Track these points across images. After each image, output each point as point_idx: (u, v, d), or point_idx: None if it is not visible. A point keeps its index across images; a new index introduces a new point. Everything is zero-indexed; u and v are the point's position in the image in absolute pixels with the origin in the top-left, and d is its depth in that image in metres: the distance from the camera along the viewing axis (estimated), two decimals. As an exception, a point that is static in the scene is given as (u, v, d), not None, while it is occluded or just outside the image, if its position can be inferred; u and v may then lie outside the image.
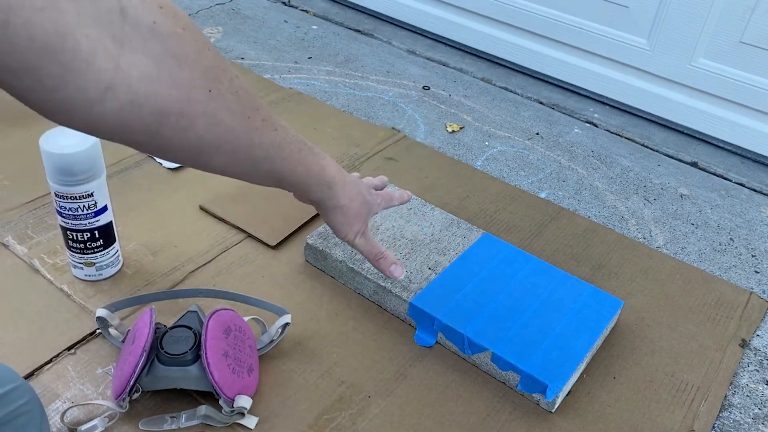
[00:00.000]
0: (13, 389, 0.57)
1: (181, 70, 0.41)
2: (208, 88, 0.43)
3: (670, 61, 1.26)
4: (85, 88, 0.36)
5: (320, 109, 1.24)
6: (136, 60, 0.38)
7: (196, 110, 0.43)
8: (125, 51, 0.37)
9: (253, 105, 0.49)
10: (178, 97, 0.41)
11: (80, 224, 0.77)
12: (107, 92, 0.37)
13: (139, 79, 0.38)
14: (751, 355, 0.84)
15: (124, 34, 0.37)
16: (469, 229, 0.91)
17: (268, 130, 0.51)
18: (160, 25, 0.39)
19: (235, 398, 0.66)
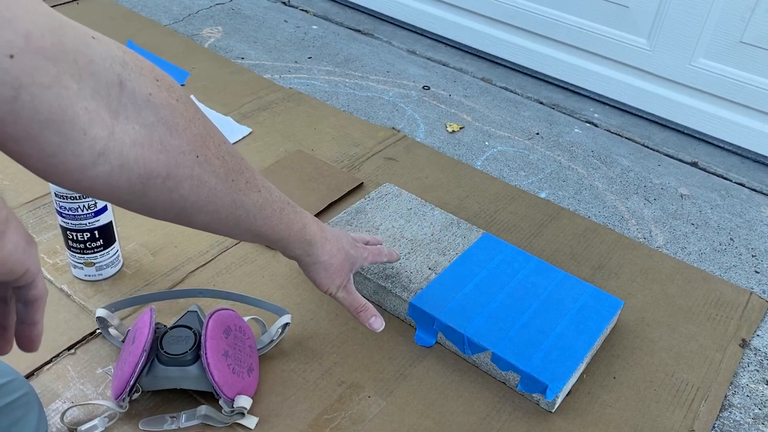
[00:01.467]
0: (7, 383, 0.58)
1: (172, 138, 0.44)
2: (196, 154, 0.47)
3: (670, 61, 1.26)
4: (80, 153, 0.39)
5: (320, 109, 1.24)
6: (129, 128, 0.42)
7: (182, 173, 0.46)
8: (120, 120, 0.41)
9: (238, 168, 0.52)
10: (167, 162, 0.44)
11: (80, 224, 0.77)
12: (99, 157, 0.40)
13: (131, 146, 0.42)
14: (751, 355, 0.84)
15: (120, 105, 0.41)
16: (469, 229, 0.91)
17: (251, 191, 0.54)
18: (155, 97, 0.43)
19: (235, 398, 0.66)
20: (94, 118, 0.39)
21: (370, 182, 1.05)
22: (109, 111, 0.40)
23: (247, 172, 0.53)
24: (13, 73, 0.34)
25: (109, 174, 0.42)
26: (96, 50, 0.39)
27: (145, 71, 0.43)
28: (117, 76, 0.41)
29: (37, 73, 0.35)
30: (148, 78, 0.43)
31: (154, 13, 1.56)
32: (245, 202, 0.53)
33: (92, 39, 0.40)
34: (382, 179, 1.06)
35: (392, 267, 0.84)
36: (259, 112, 1.21)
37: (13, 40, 0.34)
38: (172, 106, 0.45)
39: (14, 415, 0.57)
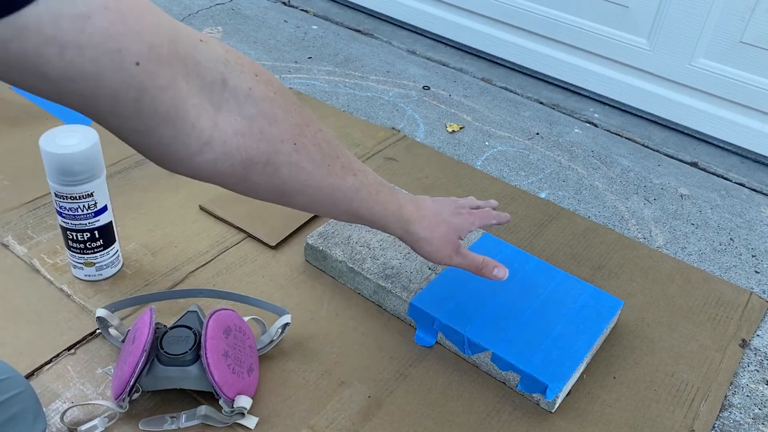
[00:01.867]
0: (4, 380, 0.58)
1: (270, 127, 0.49)
2: (294, 142, 0.51)
3: (670, 61, 1.26)
4: (189, 143, 0.45)
5: (320, 109, 1.24)
6: (231, 120, 0.46)
7: (281, 160, 0.51)
8: (222, 113, 0.46)
9: (333, 154, 0.56)
10: (266, 150, 0.49)
11: (80, 224, 0.77)
12: (205, 146, 0.46)
13: (233, 135, 0.47)
14: (752, 355, 0.84)
15: (223, 100, 0.46)
16: (469, 229, 0.91)
17: (347, 175, 0.58)
18: (255, 91, 0.48)
19: (235, 398, 0.66)
20: (201, 113, 0.44)
21: (370, 182, 1.05)
22: (212, 105, 0.45)
23: (342, 158, 0.57)
24: (138, 78, 0.39)
25: (214, 161, 0.47)
26: (203, 53, 0.44)
27: (246, 68, 0.48)
28: (220, 74, 0.45)
29: (157, 78, 0.40)
30: (248, 74, 0.48)
31: (154, 13, 1.55)
32: (341, 185, 0.57)
33: (200, 42, 0.45)
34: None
35: (392, 267, 0.84)
36: (259, 112, 1.21)
37: (139, 49, 0.39)
38: (271, 98, 0.49)
39: (9, 413, 0.57)
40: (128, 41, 0.38)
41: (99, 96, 0.39)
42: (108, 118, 0.41)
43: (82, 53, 0.36)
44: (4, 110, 1.10)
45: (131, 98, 0.40)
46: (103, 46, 0.37)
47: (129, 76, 0.39)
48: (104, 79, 0.38)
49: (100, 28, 0.36)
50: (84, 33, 0.36)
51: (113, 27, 0.37)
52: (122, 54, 0.38)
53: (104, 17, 0.37)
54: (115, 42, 0.37)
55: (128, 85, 0.39)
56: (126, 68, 0.38)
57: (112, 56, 0.37)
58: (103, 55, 0.37)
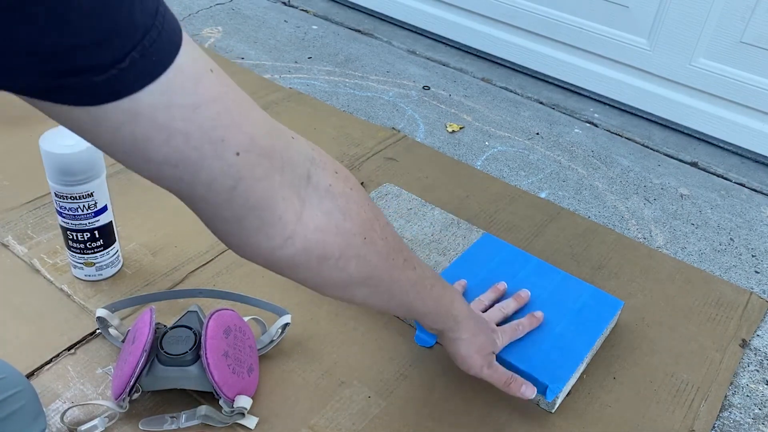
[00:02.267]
0: (3, 378, 0.58)
1: (345, 222, 0.50)
2: (364, 236, 0.52)
3: (670, 61, 1.26)
4: (273, 236, 0.45)
5: (320, 109, 1.24)
6: (313, 215, 0.47)
7: (351, 254, 0.51)
8: (306, 208, 0.47)
9: (397, 248, 0.57)
10: (340, 245, 0.50)
11: (80, 224, 0.77)
12: (287, 241, 0.46)
13: (314, 231, 0.47)
14: (752, 355, 0.84)
15: (307, 195, 0.47)
16: (469, 229, 0.91)
17: (408, 269, 0.58)
18: (334, 187, 0.49)
19: (235, 398, 0.66)
20: (288, 206, 0.45)
21: (370, 182, 1.05)
22: (299, 199, 0.46)
23: (405, 251, 0.58)
24: (236, 168, 0.40)
25: (294, 255, 0.47)
26: (294, 149, 0.46)
27: (328, 165, 0.49)
28: (306, 170, 0.47)
29: (255, 168, 0.42)
30: (329, 171, 0.49)
31: (154, 13, 1.56)
32: (401, 278, 0.57)
33: (292, 139, 0.46)
34: (382, 179, 1.06)
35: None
36: (259, 112, 1.21)
37: (241, 140, 0.40)
38: (347, 194, 0.50)
39: (8, 411, 0.57)
40: (231, 132, 0.40)
41: (196, 182, 0.40)
42: (199, 203, 0.43)
43: (188, 141, 0.38)
44: (4, 110, 1.10)
45: (227, 187, 0.41)
46: (207, 135, 0.38)
47: (228, 165, 0.40)
48: (204, 166, 0.39)
49: (208, 119, 0.38)
50: (192, 122, 0.37)
51: (219, 118, 0.39)
52: (225, 143, 0.39)
53: (212, 108, 0.38)
54: (220, 132, 0.39)
55: (226, 174, 0.40)
56: (226, 157, 0.40)
57: (215, 145, 0.39)
58: (207, 143, 0.39)
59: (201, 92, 0.38)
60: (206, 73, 0.38)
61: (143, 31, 0.34)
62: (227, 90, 0.40)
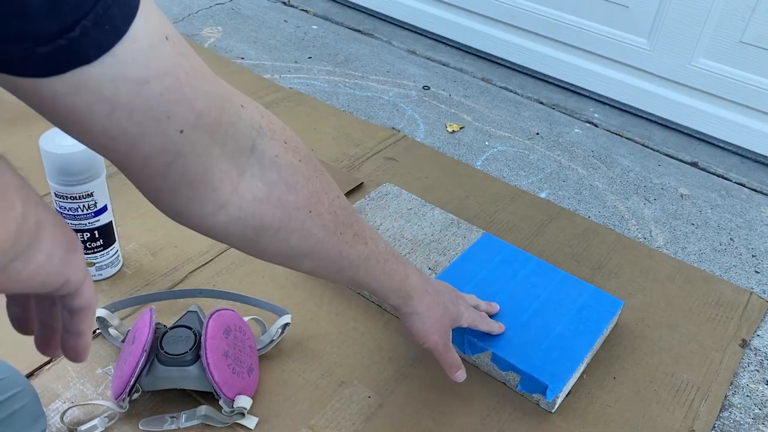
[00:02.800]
0: (3, 379, 0.58)
1: (289, 194, 0.48)
2: (309, 209, 0.50)
3: (670, 61, 1.26)
4: (205, 205, 0.44)
5: (320, 109, 1.24)
6: (252, 185, 0.45)
7: (293, 227, 0.49)
8: (245, 178, 0.45)
9: (347, 222, 0.55)
10: (281, 217, 0.48)
11: (80, 224, 0.77)
12: (220, 209, 0.44)
13: (251, 201, 0.46)
14: (752, 355, 0.84)
15: (247, 165, 0.45)
16: (469, 229, 0.91)
17: (358, 243, 0.56)
18: (281, 158, 0.47)
19: (235, 398, 0.66)
20: (224, 178, 0.43)
21: (370, 182, 1.05)
22: (237, 170, 0.44)
23: (356, 225, 0.56)
24: (177, 145, 0.38)
25: (226, 223, 0.46)
26: (242, 119, 0.44)
27: (277, 135, 0.47)
28: (252, 141, 0.45)
29: (195, 145, 0.39)
30: (278, 141, 0.47)
31: (154, 13, 1.55)
32: (350, 253, 0.56)
33: (241, 108, 0.44)
34: (382, 179, 1.06)
35: (392, 267, 0.84)
36: (259, 112, 1.21)
37: (188, 118, 0.38)
38: (295, 165, 0.48)
39: (8, 412, 0.57)
40: (179, 108, 0.37)
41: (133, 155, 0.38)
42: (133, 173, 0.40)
43: (131, 116, 0.35)
44: (4, 110, 1.10)
45: (165, 162, 0.39)
46: (152, 112, 0.36)
47: (169, 142, 0.38)
48: (144, 142, 0.37)
49: (155, 94, 0.35)
50: (138, 96, 0.35)
51: (168, 93, 0.36)
52: (170, 120, 0.37)
53: (162, 83, 0.35)
54: (166, 108, 0.36)
55: (165, 150, 0.38)
56: (169, 134, 0.38)
57: (159, 122, 0.36)
58: (151, 119, 0.36)
59: (153, 65, 0.35)
60: (161, 41, 0.35)
61: None
62: (181, 60, 0.37)
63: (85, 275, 0.37)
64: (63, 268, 0.35)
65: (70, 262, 0.36)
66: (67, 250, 0.35)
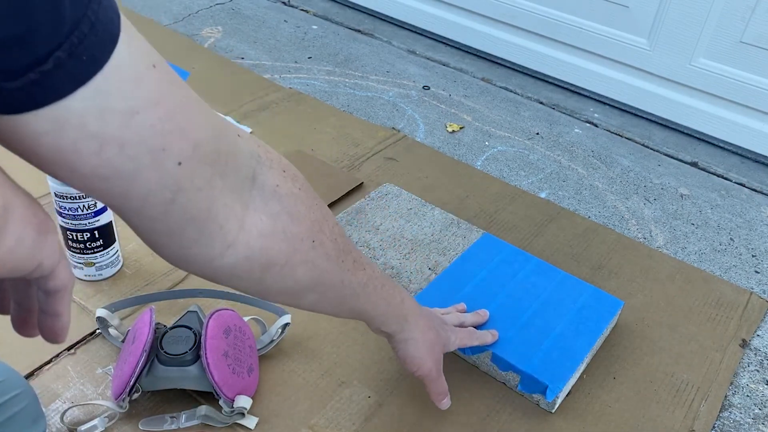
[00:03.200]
0: (3, 381, 0.58)
1: (293, 225, 0.45)
2: (312, 239, 0.48)
3: (670, 61, 1.26)
4: (212, 246, 0.41)
5: (320, 109, 1.24)
6: (257, 220, 0.43)
7: (298, 259, 0.47)
8: (249, 212, 0.42)
9: (346, 249, 0.53)
10: (286, 250, 0.45)
11: (80, 224, 0.77)
12: (228, 249, 0.41)
13: (257, 237, 0.43)
14: (752, 355, 0.84)
15: (250, 198, 0.42)
16: (469, 229, 0.91)
17: (357, 270, 0.54)
18: (281, 188, 0.45)
19: (235, 398, 0.66)
20: (230, 213, 0.41)
21: (370, 182, 1.05)
22: (241, 204, 0.42)
23: (354, 252, 0.54)
24: (176, 178, 0.36)
25: (234, 265, 0.43)
26: (240, 148, 0.41)
27: (275, 163, 0.45)
28: (252, 171, 0.42)
29: (195, 178, 0.37)
30: (276, 170, 0.45)
31: (154, 13, 1.56)
32: (352, 281, 0.54)
33: (238, 137, 0.42)
34: (382, 179, 1.06)
35: (392, 267, 0.84)
36: (259, 112, 1.21)
37: (184, 148, 0.35)
38: (295, 194, 0.46)
39: (8, 414, 0.57)
40: (174, 139, 0.35)
41: (130, 196, 0.35)
42: (132, 216, 0.38)
43: (123, 151, 0.33)
44: (4, 110, 1.10)
45: (165, 199, 0.36)
46: (146, 144, 0.33)
47: (168, 176, 0.35)
48: (140, 178, 0.34)
49: (147, 125, 0.33)
50: (129, 130, 0.32)
51: (160, 124, 0.34)
52: (166, 153, 0.34)
53: (153, 113, 0.33)
54: (160, 140, 0.34)
55: (164, 186, 0.36)
56: (167, 168, 0.35)
57: (155, 155, 0.34)
58: (145, 153, 0.33)
59: (141, 94, 0.32)
60: (148, 69, 0.33)
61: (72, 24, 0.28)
62: (171, 89, 0.35)
63: (60, 257, 0.35)
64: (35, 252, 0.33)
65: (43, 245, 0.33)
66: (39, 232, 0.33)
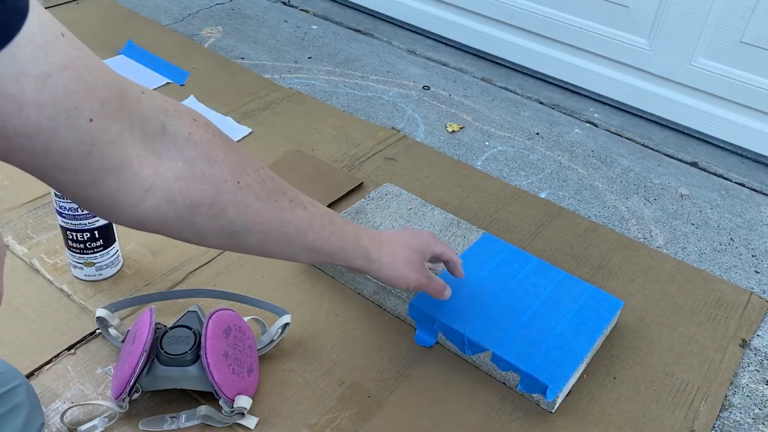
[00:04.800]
0: (0, 374, 0.58)
1: (212, 168, 0.50)
2: (237, 180, 0.51)
3: (670, 61, 1.26)
4: (132, 192, 0.45)
5: (320, 109, 1.24)
6: (172, 166, 0.47)
7: (226, 200, 0.51)
8: (164, 160, 0.47)
9: (279, 189, 0.56)
10: (210, 191, 0.50)
11: (80, 224, 0.77)
12: (147, 193, 0.46)
13: (174, 180, 0.47)
14: (752, 355, 0.84)
15: (163, 147, 0.47)
16: (469, 229, 0.91)
17: (296, 209, 0.57)
18: (194, 135, 0.49)
19: (235, 398, 0.66)
20: (143, 162, 0.45)
21: (370, 182, 1.05)
22: (154, 153, 0.46)
23: (289, 192, 0.57)
24: (90, 133, 0.40)
25: (156, 207, 0.47)
26: (145, 104, 0.46)
27: (183, 114, 0.49)
28: (161, 123, 0.47)
29: (106, 132, 0.42)
30: (186, 120, 0.49)
31: (154, 13, 1.56)
32: (292, 219, 0.57)
33: (142, 94, 0.46)
34: (382, 179, 1.06)
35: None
36: (259, 112, 1.21)
37: (93, 106, 0.40)
38: (210, 140, 0.50)
39: (6, 407, 0.57)
40: (84, 98, 0.39)
41: (50, 152, 0.39)
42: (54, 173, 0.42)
43: (40, 111, 0.37)
44: (4, 110, 1.10)
45: (82, 153, 0.41)
46: (60, 104, 0.38)
47: (82, 131, 0.40)
48: (58, 135, 0.39)
49: (59, 87, 0.38)
50: (44, 91, 0.37)
51: (71, 85, 0.38)
52: (78, 110, 0.39)
53: (63, 76, 0.38)
54: (72, 99, 0.38)
55: (80, 140, 0.40)
56: (80, 124, 0.39)
57: (69, 113, 0.39)
58: (60, 112, 0.38)
59: (52, 60, 0.37)
60: (57, 38, 0.38)
61: None
62: (78, 54, 0.39)
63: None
64: None
65: None
66: None
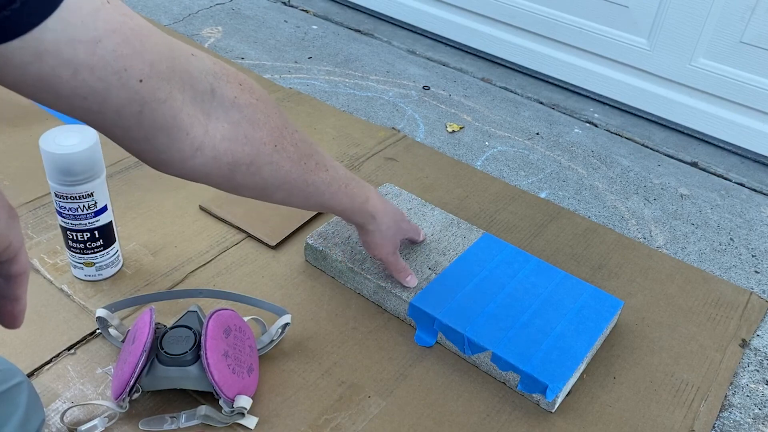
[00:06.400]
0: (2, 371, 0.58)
1: (254, 131, 0.55)
2: (274, 144, 0.57)
3: (670, 61, 1.26)
4: (182, 149, 0.50)
5: (320, 109, 1.24)
6: (219, 126, 0.52)
7: (263, 160, 0.56)
8: (212, 120, 0.51)
9: (308, 153, 0.62)
10: (251, 152, 0.55)
11: (80, 224, 0.77)
12: (197, 151, 0.51)
13: (221, 140, 0.52)
14: (752, 355, 0.84)
15: (212, 108, 0.51)
16: (469, 229, 0.91)
17: (320, 171, 0.64)
18: (239, 99, 0.53)
19: (235, 398, 0.66)
20: (194, 121, 0.49)
21: (370, 182, 1.05)
22: (203, 114, 0.50)
23: (316, 155, 0.64)
24: (141, 94, 0.44)
25: (204, 164, 0.52)
26: (195, 66, 0.49)
27: (231, 78, 0.53)
28: (209, 85, 0.50)
29: (157, 92, 0.45)
30: (233, 84, 0.53)
31: (154, 13, 1.56)
32: (315, 180, 0.64)
33: (192, 56, 0.49)
34: (382, 179, 1.06)
35: (392, 267, 0.84)
36: (259, 112, 1.21)
37: (142, 68, 0.43)
38: (254, 105, 0.54)
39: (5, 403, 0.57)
40: (132, 61, 0.42)
41: (105, 110, 0.43)
42: (112, 129, 0.46)
43: (93, 73, 0.40)
44: (4, 110, 1.10)
45: (134, 111, 0.44)
46: (111, 66, 0.41)
47: (133, 92, 0.43)
48: (111, 95, 0.42)
49: (109, 50, 0.41)
50: (95, 55, 0.40)
51: (119, 48, 0.41)
52: (128, 72, 0.42)
53: (112, 40, 0.41)
54: (122, 62, 0.42)
55: (132, 100, 0.43)
56: (131, 85, 0.43)
57: (119, 75, 0.42)
58: (111, 74, 0.41)
59: (100, 25, 0.40)
60: (103, 4, 0.40)
61: None
62: (125, 19, 0.42)
63: (21, 243, 0.43)
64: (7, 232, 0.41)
65: (12, 227, 0.42)
66: (9, 216, 0.42)
